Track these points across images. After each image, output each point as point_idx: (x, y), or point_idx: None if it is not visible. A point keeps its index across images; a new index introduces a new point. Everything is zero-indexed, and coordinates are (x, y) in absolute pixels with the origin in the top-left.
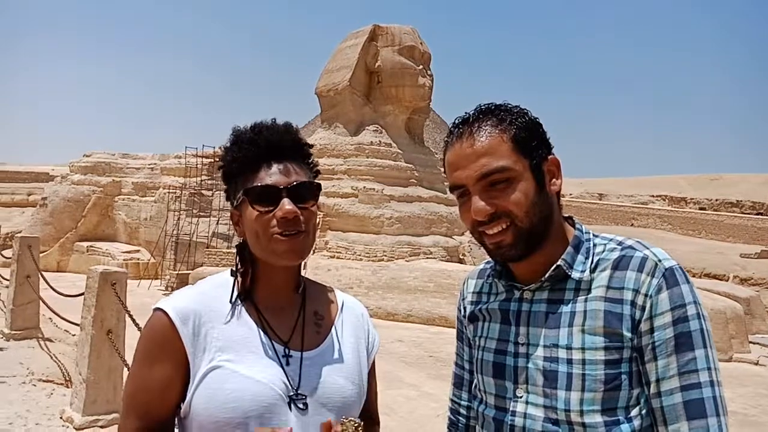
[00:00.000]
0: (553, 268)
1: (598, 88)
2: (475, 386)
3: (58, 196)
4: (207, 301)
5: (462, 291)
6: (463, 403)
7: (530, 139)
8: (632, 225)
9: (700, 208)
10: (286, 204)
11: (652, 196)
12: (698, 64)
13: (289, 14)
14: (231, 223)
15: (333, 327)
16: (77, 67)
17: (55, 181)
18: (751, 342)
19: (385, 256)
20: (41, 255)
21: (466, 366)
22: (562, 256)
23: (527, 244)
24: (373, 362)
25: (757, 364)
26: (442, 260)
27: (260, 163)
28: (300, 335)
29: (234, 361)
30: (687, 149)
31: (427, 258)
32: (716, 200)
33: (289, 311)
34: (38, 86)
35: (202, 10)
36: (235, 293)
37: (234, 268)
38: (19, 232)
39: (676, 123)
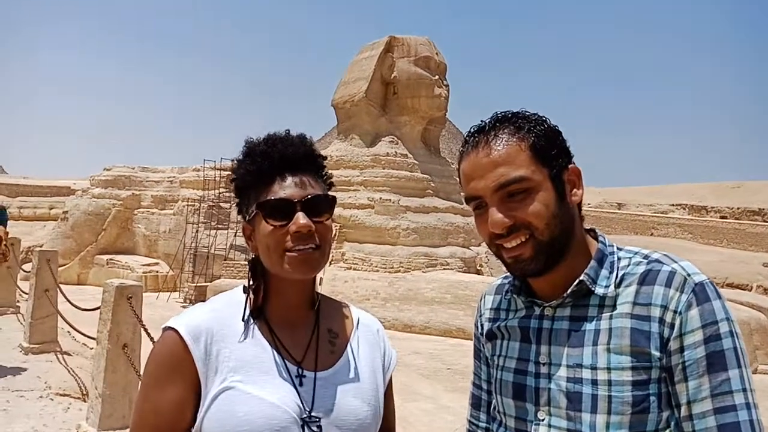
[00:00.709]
0: (575, 283)
1: (616, 96)
2: (494, 408)
3: (78, 209)
4: (219, 319)
5: (479, 307)
6: (481, 424)
7: (549, 148)
8: (652, 234)
9: (722, 217)
10: (301, 218)
11: (672, 205)
12: (719, 70)
13: (312, 26)
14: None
15: (348, 345)
16: (99, 80)
17: (76, 195)
18: None
19: (402, 267)
20: (62, 268)
21: (484, 386)
22: (585, 271)
23: (548, 257)
24: (390, 381)
25: None
26: (459, 271)
27: (274, 176)
28: (314, 354)
29: (246, 382)
30: (707, 157)
31: (444, 269)
32: (738, 209)
33: (303, 329)
34: (59, 100)
35: (223, 20)
36: (248, 311)
37: (246, 284)
38: (41, 245)
39: (696, 130)
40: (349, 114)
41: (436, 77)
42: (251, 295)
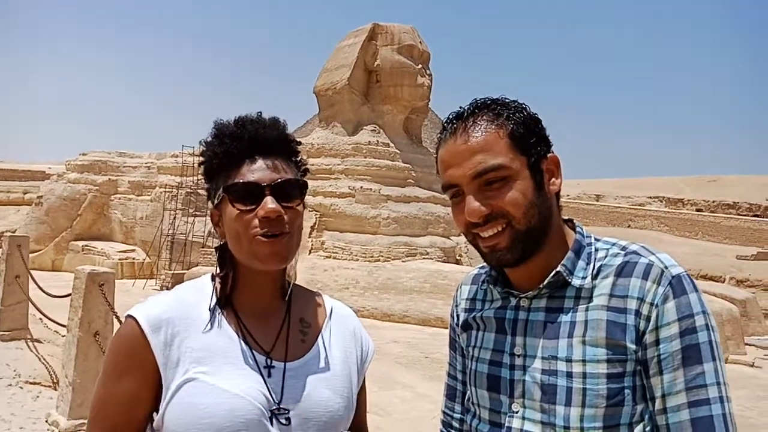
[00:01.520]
0: (552, 274)
1: (596, 88)
2: (469, 399)
3: (53, 194)
4: (183, 308)
5: (455, 297)
6: (456, 415)
7: (528, 136)
8: (629, 226)
9: (697, 210)
10: (269, 203)
11: (650, 197)
12: (697, 64)
13: (292, 11)
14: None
15: (320, 335)
16: (75, 65)
17: (51, 180)
18: (746, 344)
19: (382, 256)
20: (36, 254)
21: (459, 377)
22: (562, 262)
23: (524, 247)
24: (364, 375)
25: (752, 366)
26: (438, 261)
27: (243, 158)
28: (284, 344)
29: (210, 374)
30: (685, 150)
31: (424, 258)
32: (713, 202)
33: (273, 319)
34: (36, 84)
35: (201, 6)
36: (214, 299)
37: (213, 273)
38: (14, 230)
39: (675, 124)
40: (331, 101)
41: (420, 66)
42: (218, 284)
